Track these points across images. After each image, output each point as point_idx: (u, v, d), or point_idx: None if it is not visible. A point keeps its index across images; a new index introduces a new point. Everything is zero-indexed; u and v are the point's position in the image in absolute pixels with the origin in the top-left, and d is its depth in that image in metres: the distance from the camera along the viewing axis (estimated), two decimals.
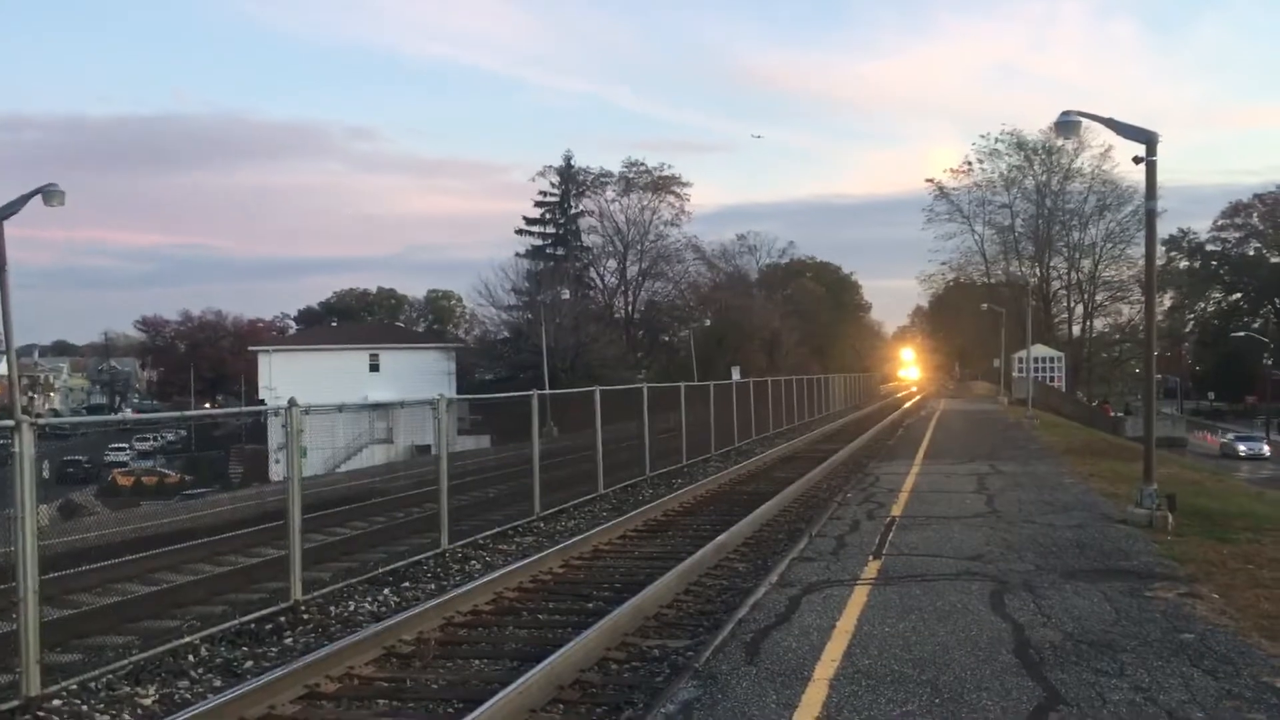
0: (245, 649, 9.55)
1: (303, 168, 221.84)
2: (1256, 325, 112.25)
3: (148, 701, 8.09)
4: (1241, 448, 73.09)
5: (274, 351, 74.26)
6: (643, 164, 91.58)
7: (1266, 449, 72.70)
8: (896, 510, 15.92)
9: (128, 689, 8.32)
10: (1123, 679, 7.09)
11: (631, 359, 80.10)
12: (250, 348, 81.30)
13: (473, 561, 14.10)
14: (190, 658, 9.15)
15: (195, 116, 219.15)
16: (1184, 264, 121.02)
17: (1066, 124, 16.79)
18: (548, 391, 25.03)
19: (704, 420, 29.54)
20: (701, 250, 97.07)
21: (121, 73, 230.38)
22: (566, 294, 78.99)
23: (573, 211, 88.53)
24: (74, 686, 8.11)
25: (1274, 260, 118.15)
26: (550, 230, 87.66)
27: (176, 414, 20.82)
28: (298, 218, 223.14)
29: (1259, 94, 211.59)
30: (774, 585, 10.43)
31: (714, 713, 6.57)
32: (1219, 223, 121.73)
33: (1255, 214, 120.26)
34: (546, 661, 8.02)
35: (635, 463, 23.42)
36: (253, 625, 10.10)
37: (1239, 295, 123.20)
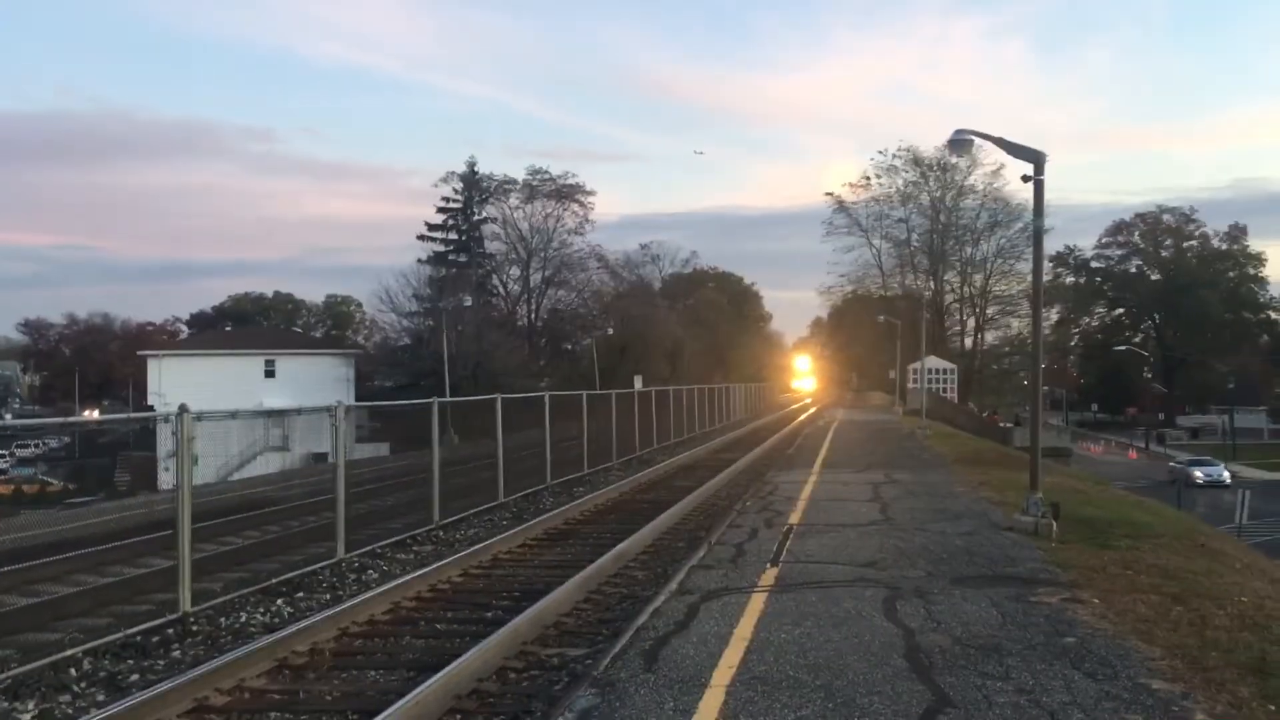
0: (131, 662, 9.28)
1: (194, 167, 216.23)
2: (1138, 340, 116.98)
3: (26, 718, 7.83)
4: (1198, 473, 64.71)
5: (164, 356, 71.94)
6: (547, 172, 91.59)
7: (1227, 475, 64.28)
8: (794, 518, 16.15)
9: (5, 704, 8.03)
10: (1008, 682, 7.32)
11: (534, 367, 79.82)
12: (140, 352, 78.55)
13: (370, 571, 13.91)
14: (73, 671, 8.86)
15: (81, 114, 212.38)
16: (1070, 280, 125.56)
17: (959, 142, 17.28)
18: (449, 399, 24.84)
19: (606, 429, 29.59)
20: (605, 259, 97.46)
21: (1, 67, 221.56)
22: (469, 301, 78.28)
23: (476, 218, 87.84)
24: None
25: (1154, 278, 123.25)
26: (453, 236, 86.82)
27: (60, 420, 20.18)
28: (190, 219, 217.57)
29: (1142, 117, 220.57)
30: (673, 593, 10.50)
31: None
32: (1103, 240, 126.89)
33: (1137, 232, 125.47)
34: (444, 671, 7.96)
35: (537, 471, 23.34)
36: (139, 638, 9.82)
37: (1121, 311, 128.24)
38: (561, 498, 22.09)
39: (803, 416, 66.87)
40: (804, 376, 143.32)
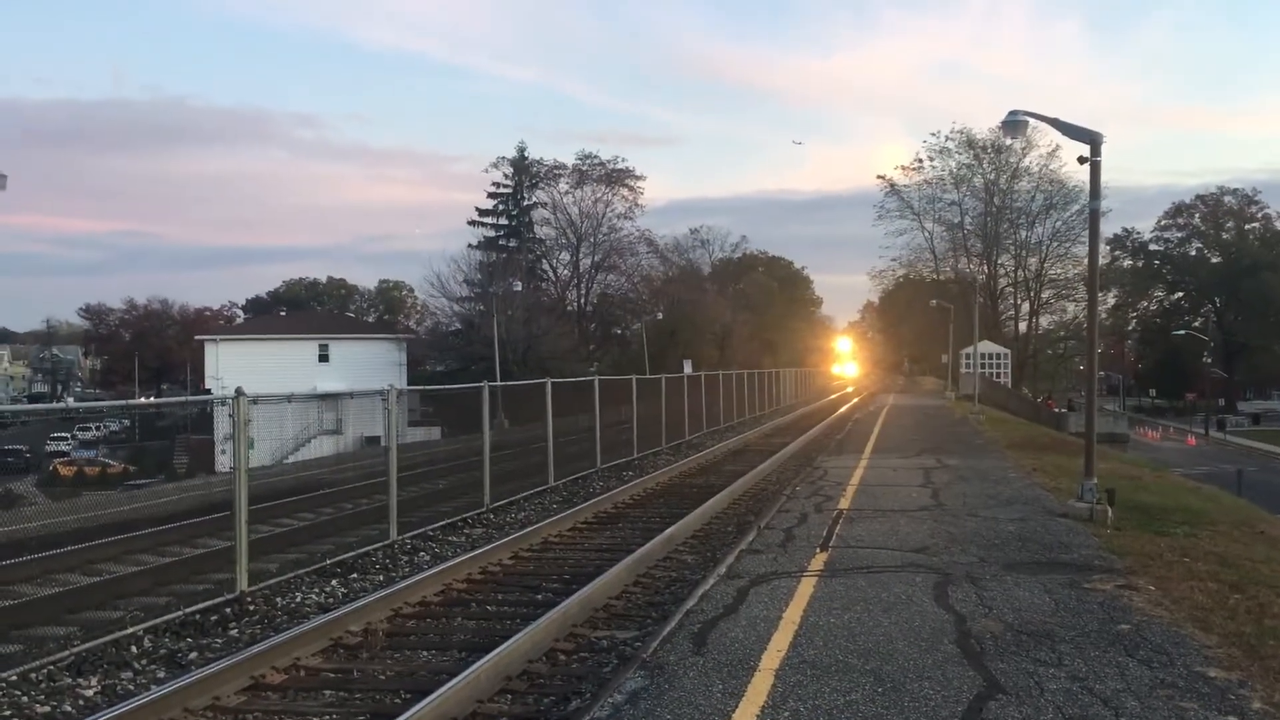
0: (189, 640, 9.47)
1: (247, 154, 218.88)
2: (1197, 324, 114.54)
3: (89, 693, 8.00)
4: None
5: (221, 341, 73.09)
6: (596, 156, 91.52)
7: None
8: (844, 503, 16.08)
9: (69, 680, 8.23)
10: (1060, 668, 7.25)
11: (584, 352, 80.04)
12: (197, 337, 79.90)
13: (422, 553, 14.06)
14: (133, 649, 9.06)
15: (136, 102, 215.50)
16: (1128, 263, 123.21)
17: (1013, 123, 17.04)
18: (499, 384, 25.02)
19: (655, 413, 29.63)
20: (654, 243, 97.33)
21: (59, 56, 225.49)
22: (519, 286, 78.62)
23: (526, 203, 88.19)
24: (13, 678, 8.00)
25: (1214, 261, 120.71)
26: (503, 222, 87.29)
27: (120, 403, 20.57)
28: (243, 206, 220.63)
29: (1198, 96, 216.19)
30: (722, 577, 10.50)
31: (661, 702, 6.62)
32: (1162, 223, 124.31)
33: (1197, 214, 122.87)
34: (495, 652, 8.04)
35: (586, 455, 23.45)
36: (197, 616, 10.02)
37: (1180, 294, 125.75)
38: (611, 481, 22.16)
39: (845, 407, 66.39)
40: (845, 361, 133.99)
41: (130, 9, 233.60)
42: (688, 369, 53.05)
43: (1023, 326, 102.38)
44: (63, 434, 79.68)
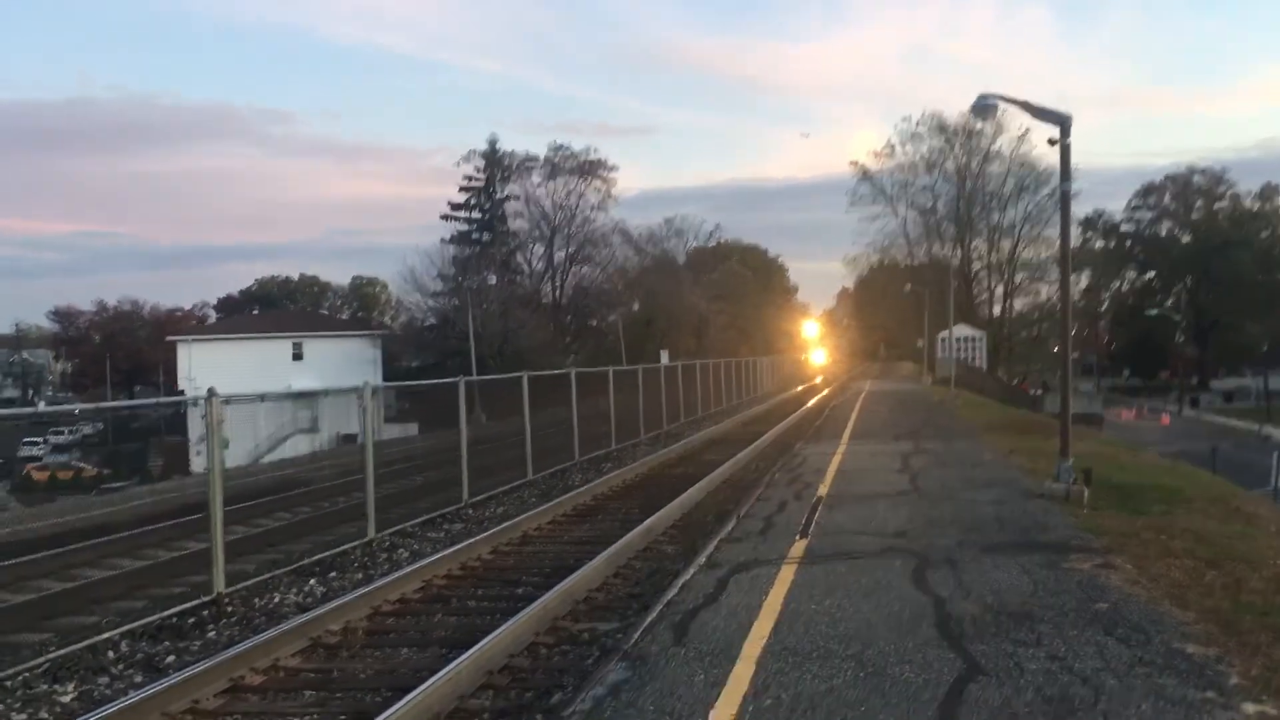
0: (167, 644, 9.39)
1: (217, 152, 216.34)
2: (1170, 303, 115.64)
3: (66, 699, 7.92)
4: None
5: (193, 341, 72.61)
6: (568, 148, 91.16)
7: None
8: (823, 490, 16.12)
9: (45, 687, 8.15)
10: (1039, 648, 7.28)
11: (560, 344, 79.93)
12: (169, 337, 79.20)
13: (401, 550, 14.01)
14: (110, 654, 8.99)
15: (103, 101, 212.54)
16: (1099, 244, 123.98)
17: (983, 107, 17.06)
18: (475, 378, 24.90)
19: (633, 404, 29.60)
20: (629, 234, 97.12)
21: (22, 56, 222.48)
22: (493, 279, 78.48)
23: (499, 196, 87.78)
24: None
25: (1185, 240, 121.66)
26: (476, 215, 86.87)
27: (93, 406, 20.38)
28: (214, 204, 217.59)
29: (1165, 78, 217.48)
30: (702, 566, 10.51)
31: (642, 693, 6.61)
32: (1132, 203, 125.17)
33: (1166, 194, 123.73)
34: (476, 648, 8.01)
35: (564, 448, 23.41)
36: (174, 619, 9.94)
37: (1152, 275, 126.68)
38: (589, 474, 22.14)
39: (822, 393, 66.50)
40: (814, 346, 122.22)
41: (94, 7, 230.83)
42: (665, 359, 53.07)
43: (997, 310, 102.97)
44: (35, 438, 78.89)
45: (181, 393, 62.80)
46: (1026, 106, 15.80)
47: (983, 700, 6.29)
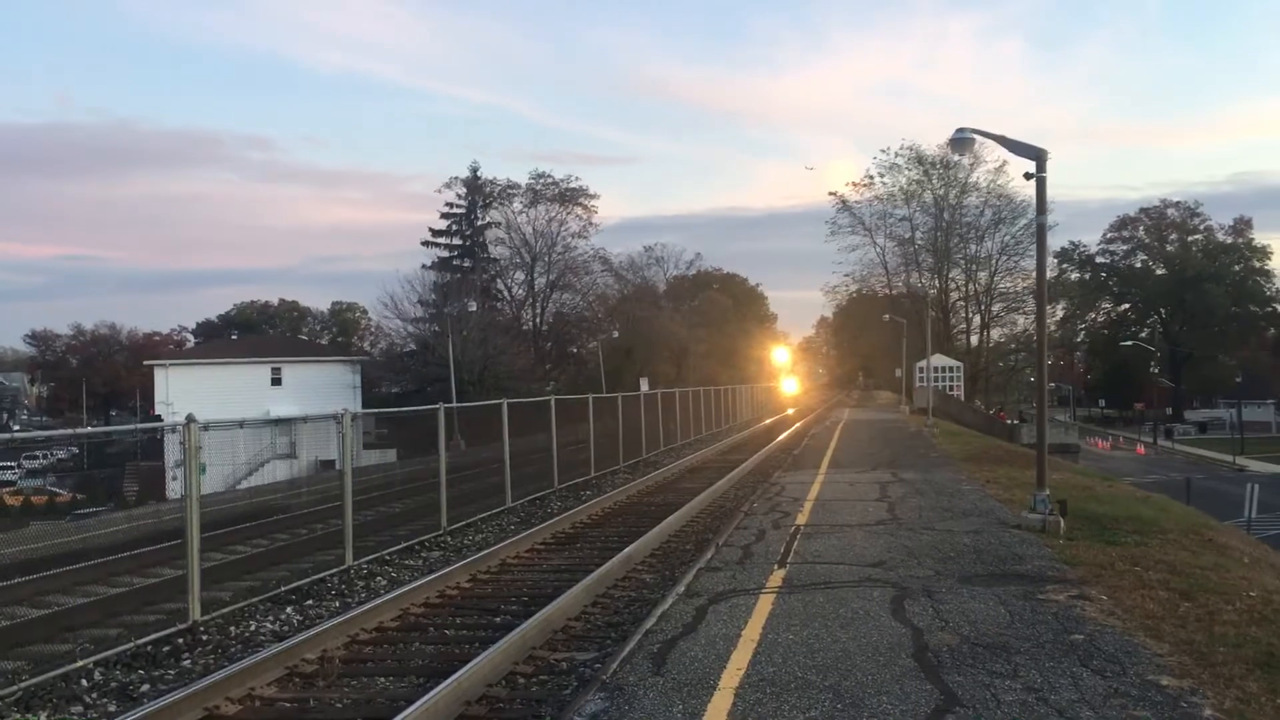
0: (142, 672, 9.32)
1: (196, 177, 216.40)
2: (1144, 335, 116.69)
3: None
4: None
5: (171, 365, 72.00)
6: (549, 175, 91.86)
7: None
8: (801, 519, 16.15)
9: (18, 716, 8.06)
10: (1016, 680, 7.32)
11: (540, 371, 79.93)
12: (146, 362, 78.60)
13: (378, 578, 13.94)
14: (84, 682, 8.91)
15: (82, 125, 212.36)
16: (1075, 275, 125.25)
17: (960, 141, 17.28)
18: (455, 405, 24.88)
19: (612, 432, 29.62)
20: (609, 262, 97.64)
21: (1, 79, 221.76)
22: (474, 306, 78.39)
23: (480, 223, 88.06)
24: None
25: (1159, 272, 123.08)
26: (457, 242, 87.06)
27: (68, 431, 20.17)
28: (194, 229, 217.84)
29: (1140, 112, 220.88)
30: (681, 596, 10.51)
31: None
32: (1108, 235, 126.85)
33: (1141, 227, 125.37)
34: (453, 677, 7.98)
35: (544, 475, 23.39)
36: (149, 647, 9.86)
37: (1127, 305, 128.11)
38: (569, 501, 22.11)
39: (800, 422, 66.63)
40: (783, 374, 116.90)
41: (75, 31, 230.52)
42: (645, 387, 53.06)
43: (974, 340, 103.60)
44: (9, 463, 78.15)
45: (158, 418, 62.39)
46: (1003, 141, 15.99)
47: None
